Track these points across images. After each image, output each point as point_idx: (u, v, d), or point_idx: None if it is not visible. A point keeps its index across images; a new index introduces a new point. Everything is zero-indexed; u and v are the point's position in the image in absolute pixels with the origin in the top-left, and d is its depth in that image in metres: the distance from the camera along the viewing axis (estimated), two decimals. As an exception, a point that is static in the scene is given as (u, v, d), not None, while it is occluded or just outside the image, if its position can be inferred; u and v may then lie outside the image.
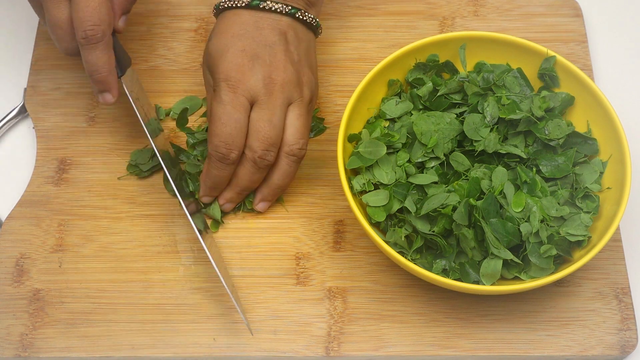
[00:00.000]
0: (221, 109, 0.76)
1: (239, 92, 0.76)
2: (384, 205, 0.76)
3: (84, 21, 0.73)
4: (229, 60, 0.77)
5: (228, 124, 0.76)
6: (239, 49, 0.77)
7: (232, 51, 0.77)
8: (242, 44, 0.77)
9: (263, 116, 0.76)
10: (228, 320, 0.77)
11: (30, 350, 0.76)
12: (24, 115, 0.89)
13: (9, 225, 0.82)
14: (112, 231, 0.81)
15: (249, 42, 0.77)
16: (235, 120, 0.76)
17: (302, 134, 0.78)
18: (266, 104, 0.77)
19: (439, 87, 0.81)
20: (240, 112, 0.76)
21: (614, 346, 0.76)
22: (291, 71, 0.77)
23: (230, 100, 0.76)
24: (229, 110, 0.76)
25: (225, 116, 0.76)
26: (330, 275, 0.79)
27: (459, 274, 0.73)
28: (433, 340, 0.76)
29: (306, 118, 0.79)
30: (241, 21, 0.78)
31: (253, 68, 0.77)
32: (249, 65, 0.77)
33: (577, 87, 0.79)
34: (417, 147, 0.78)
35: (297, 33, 0.80)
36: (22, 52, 0.93)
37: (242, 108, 0.76)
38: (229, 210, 0.82)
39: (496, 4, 0.94)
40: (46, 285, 0.79)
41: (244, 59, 0.77)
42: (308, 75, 0.79)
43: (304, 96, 0.78)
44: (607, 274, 0.79)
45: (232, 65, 0.77)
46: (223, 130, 0.76)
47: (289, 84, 0.77)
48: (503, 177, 0.74)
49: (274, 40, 0.78)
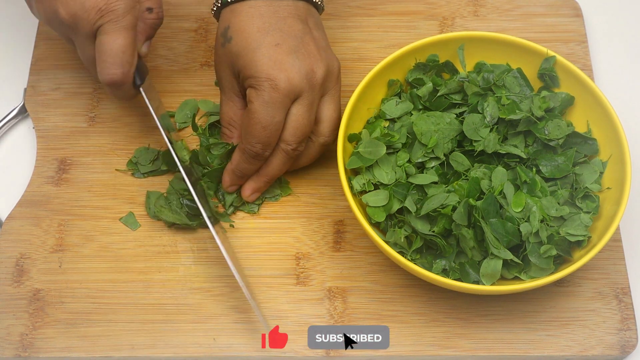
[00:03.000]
0: (264, 110, 0.75)
1: (284, 92, 0.75)
2: (384, 206, 0.76)
3: (105, 68, 0.75)
4: (266, 57, 0.75)
5: (268, 128, 0.75)
6: (272, 44, 0.75)
7: (265, 47, 0.75)
8: (274, 39, 0.76)
9: (304, 112, 0.76)
10: (228, 320, 0.77)
11: (30, 350, 0.76)
12: (24, 115, 0.89)
13: (9, 225, 0.82)
14: (112, 231, 0.81)
15: (279, 36, 0.76)
16: (275, 124, 0.75)
17: (336, 127, 0.79)
18: (308, 100, 0.76)
19: (439, 87, 0.81)
20: (281, 115, 0.76)
21: (614, 346, 0.76)
22: (326, 61, 0.77)
23: (273, 102, 0.75)
24: (271, 112, 0.75)
25: (266, 119, 0.75)
26: (330, 275, 0.79)
27: (459, 274, 0.73)
28: (433, 340, 0.76)
29: (340, 107, 0.79)
30: (260, 14, 0.76)
31: (294, 65, 0.75)
32: (290, 62, 0.75)
33: (577, 87, 0.79)
34: (417, 147, 0.78)
35: (314, 16, 0.80)
36: (22, 52, 0.93)
37: (284, 109, 0.76)
38: (254, 200, 0.82)
39: (496, 4, 0.94)
40: (46, 285, 0.79)
41: (282, 54, 0.75)
42: (336, 60, 0.79)
43: (338, 83, 0.79)
44: (607, 274, 0.79)
45: (270, 62, 0.75)
46: (262, 134, 0.76)
47: (327, 75, 0.77)
48: (503, 177, 0.74)
49: (301, 29, 0.77)
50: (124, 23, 0.74)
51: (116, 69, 0.75)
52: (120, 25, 0.74)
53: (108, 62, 0.74)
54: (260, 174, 0.80)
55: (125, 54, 0.75)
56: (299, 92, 0.76)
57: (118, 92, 0.78)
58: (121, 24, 0.74)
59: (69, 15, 0.74)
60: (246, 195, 0.81)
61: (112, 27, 0.74)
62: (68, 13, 0.73)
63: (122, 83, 0.76)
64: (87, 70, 0.79)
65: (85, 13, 0.73)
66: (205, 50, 0.91)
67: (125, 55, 0.75)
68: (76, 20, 0.74)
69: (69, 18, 0.74)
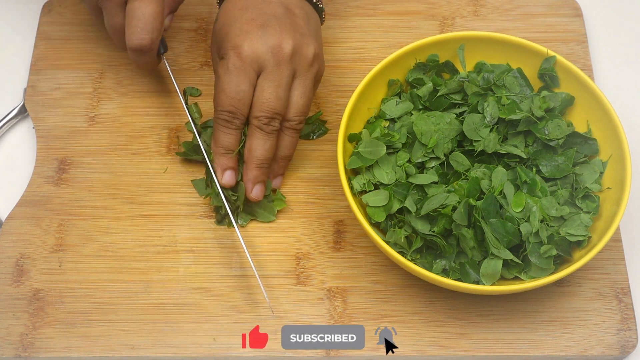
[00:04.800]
0: (227, 78, 0.76)
1: (247, 60, 0.76)
2: (384, 206, 0.76)
3: (134, 33, 0.77)
4: (237, 29, 0.77)
5: (232, 96, 0.76)
6: (247, 19, 0.77)
7: (240, 21, 0.77)
8: (251, 14, 0.77)
9: (270, 86, 0.76)
10: (228, 320, 0.77)
11: (30, 350, 0.76)
12: (24, 115, 0.89)
13: (9, 225, 0.82)
14: (112, 231, 0.81)
15: (257, 13, 0.77)
16: (239, 92, 0.76)
17: (304, 112, 0.79)
18: (273, 75, 0.76)
19: (439, 87, 0.81)
20: (245, 84, 0.76)
21: (614, 346, 0.76)
22: (300, 42, 0.77)
23: (236, 69, 0.76)
24: (233, 80, 0.76)
25: (230, 87, 0.76)
26: (330, 275, 0.79)
27: (459, 274, 0.73)
28: (433, 340, 0.76)
29: (310, 95, 0.79)
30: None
31: (262, 36, 0.76)
32: (259, 34, 0.76)
33: (577, 87, 0.79)
34: (417, 147, 0.78)
35: (305, 9, 0.80)
36: (22, 52, 0.93)
37: (247, 79, 0.76)
38: (261, 197, 0.80)
39: (496, 4, 0.94)
40: (46, 285, 0.79)
41: (253, 26, 0.76)
42: (316, 48, 0.79)
43: (310, 70, 0.78)
44: (607, 274, 0.79)
45: (241, 33, 0.76)
46: (227, 101, 0.76)
47: (297, 55, 0.77)
48: (503, 177, 0.74)
49: (282, 12, 0.78)
50: None
51: (146, 34, 0.77)
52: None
53: (139, 27, 0.77)
54: (248, 161, 0.79)
55: (156, 20, 0.78)
56: (262, 63, 0.76)
57: (143, 58, 0.80)
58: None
59: None
60: (250, 189, 0.80)
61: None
62: None
63: (149, 49, 0.78)
64: (111, 39, 0.83)
65: None
66: (205, 50, 0.91)
67: (156, 22, 0.78)
68: None
69: None
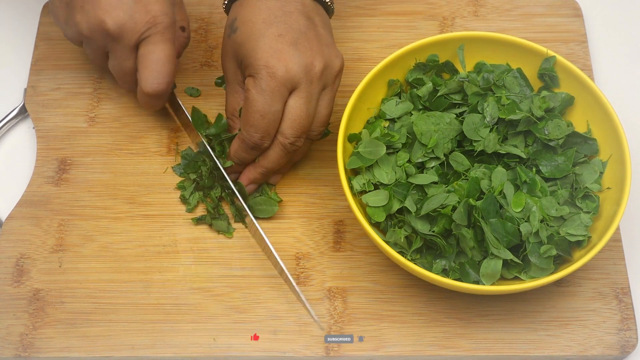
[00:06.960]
0: (261, 98, 0.75)
1: (281, 81, 0.75)
2: (384, 206, 0.76)
3: (150, 78, 0.77)
4: (267, 46, 0.76)
5: (266, 117, 0.76)
6: (275, 35, 0.76)
7: (267, 37, 0.76)
8: (277, 30, 0.76)
9: (301, 105, 0.76)
10: (228, 320, 0.77)
11: (30, 350, 0.76)
12: (24, 115, 0.89)
13: (9, 225, 0.82)
14: (112, 231, 0.81)
15: (283, 28, 0.76)
16: (273, 113, 0.76)
17: (326, 122, 0.80)
18: (305, 92, 0.76)
19: (439, 87, 0.81)
20: (279, 103, 0.76)
21: (614, 346, 0.76)
22: (328, 57, 0.77)
23: (270, 89, 0.75)
24: (268, 101, 0.75)
25: (264, 107, 0.75)
26: (330, 275, 0.79)
27: (459, 274, 0.73)
28: (433, 340, 0.76)
29: (332, 104, 0.80)
30: (267, 7, 0.77)
31: (295, 56, 0.75)
32: (290, 52, 0.75)
33: (577, 87, 0.79)
34: (417, 147, 0.78)
35: (321, 15, 0.80)
36: (22, 52, 0.93)
37: (281, 98, 0.76)
38: (252, 192, 0.82)
39: (496, 4, 0.94)
40: (46, 285, 0.79)
41: (284, 45, 0.76)
42: (341, 59, 0.79)
43: (337, 81, 0.79)
44: (607, 274, 0.79)
45: (271, 51, 0.75)
46: (260, 122, 0.76)
47: (327, 70, 0.77)
48: (503, 177, 0.74)
49: (306, 24, 0.77)
50: (168, 36, 0.77)
51: (162, 79, 0.78)
52: (165, 37, 0.77)
53: (155, 71, 0.77)
54: (257, 165, 0.80)
55: (171, 63, 0.78)
56: (296, 83, 0.76)
57: (157, 101, 0.80)
58: (166, 36, 0.77)
59: (117, 26, 0.75)
60: (245, 184, 0.81)
61: (159, 38, 0.77)
62: (116, 23, 0.75)
63: (165, 93, 0.79)
64: (118, 82, 0.82)
65: (133, 24, 0.75)
66: (205, 50, 0.91)
67: (171, 65, 0.78)
68: (123, 31, 0.75)
69: (116, 29, 0.75)
